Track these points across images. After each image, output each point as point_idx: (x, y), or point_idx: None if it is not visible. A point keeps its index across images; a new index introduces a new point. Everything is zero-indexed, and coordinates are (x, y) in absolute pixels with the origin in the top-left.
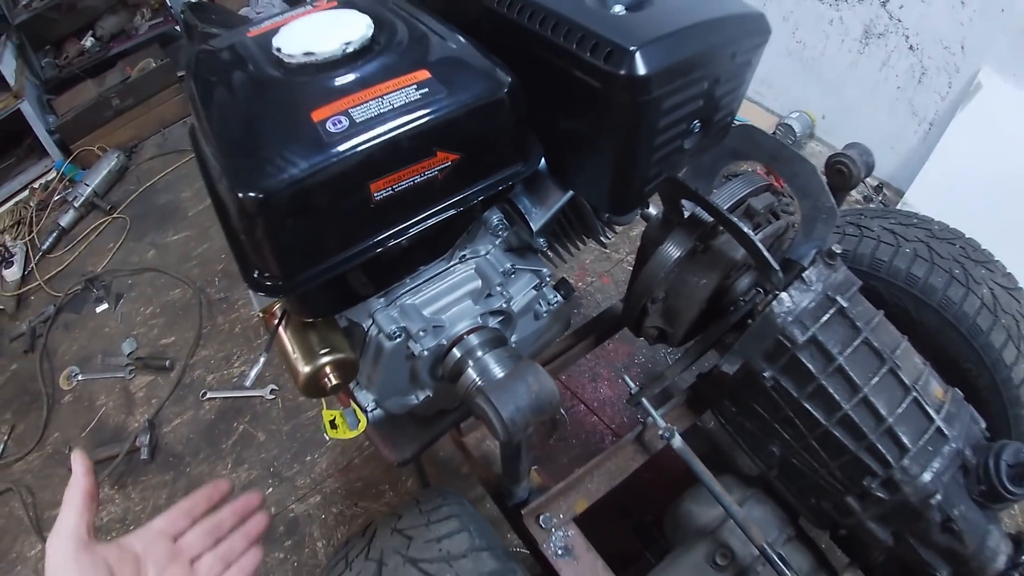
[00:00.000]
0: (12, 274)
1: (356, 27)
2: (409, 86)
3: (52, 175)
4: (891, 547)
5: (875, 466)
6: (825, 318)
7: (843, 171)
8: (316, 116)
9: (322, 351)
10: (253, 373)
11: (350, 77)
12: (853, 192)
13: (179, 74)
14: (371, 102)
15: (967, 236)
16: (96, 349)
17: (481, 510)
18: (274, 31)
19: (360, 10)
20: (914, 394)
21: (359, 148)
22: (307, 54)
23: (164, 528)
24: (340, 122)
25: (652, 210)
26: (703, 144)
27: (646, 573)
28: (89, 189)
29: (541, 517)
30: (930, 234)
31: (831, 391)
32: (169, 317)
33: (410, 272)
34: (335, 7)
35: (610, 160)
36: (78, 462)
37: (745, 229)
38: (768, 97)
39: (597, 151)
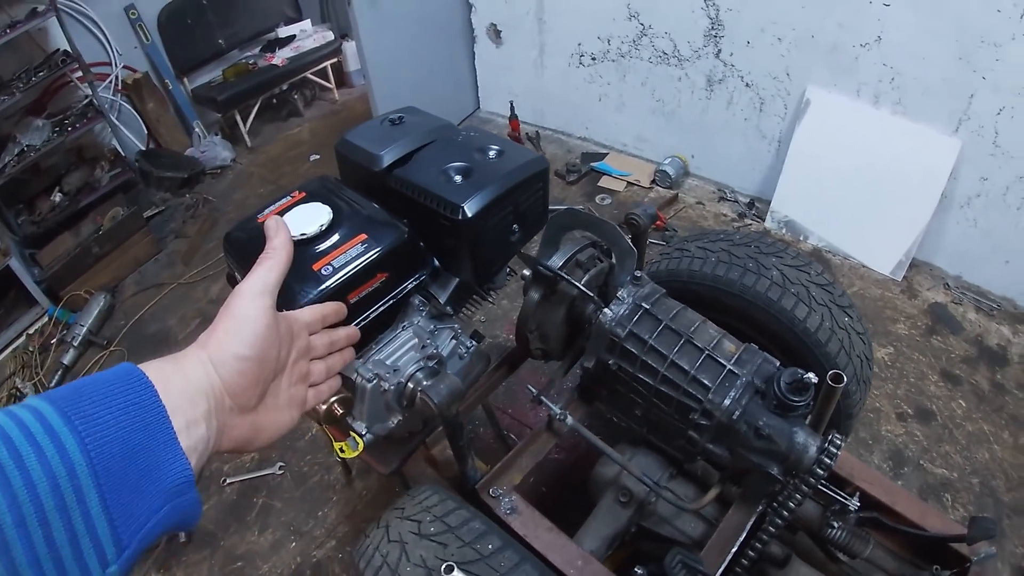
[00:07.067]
0: None
1: (324, 215)
2: (357, 245)
3: (45, 320)
4: (729, 458)
5: (692, 404)
6: (636, 318)
7: (634, 223)
8: (315, 267)
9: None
10: None
11: (327, 243)
12: (728, 211)
13: (145, 215)
14: (339, 256)
15: (760, 234)
16: None
17: None
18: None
19: (322, 201)
20: (707, 352)
21: (339, 280)
22: (302, 235)
23: (308, 322)
24: (328, 269)
25: (527, 271)
26: (526, 235)
27: None
28: (84, 329)
29: (491, 489)
30: (731, 243)
31: (650, 362)
32: None
33: (374, 339)
34: (304, 197)
35: (468, 259)
36: (275, 227)
37: (567, 278)
38: (645, 149)
39: (460, 255)
